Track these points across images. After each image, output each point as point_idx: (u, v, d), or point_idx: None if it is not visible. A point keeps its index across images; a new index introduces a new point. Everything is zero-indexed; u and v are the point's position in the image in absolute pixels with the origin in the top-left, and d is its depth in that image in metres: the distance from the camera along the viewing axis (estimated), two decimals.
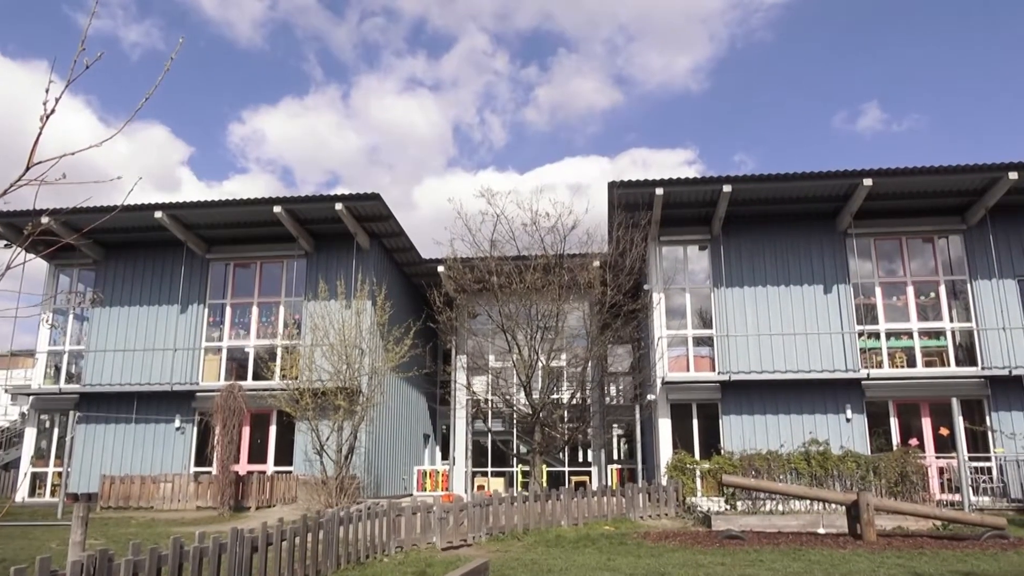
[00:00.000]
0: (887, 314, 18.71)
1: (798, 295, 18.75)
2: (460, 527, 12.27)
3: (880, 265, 19.15)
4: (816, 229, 19.09)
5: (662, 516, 15.51)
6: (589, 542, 12.12)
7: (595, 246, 17.78)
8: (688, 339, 19.03)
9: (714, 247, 19.28)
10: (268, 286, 21.03)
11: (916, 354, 18.40)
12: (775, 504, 15.37)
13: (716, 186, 17.68)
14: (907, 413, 18.24)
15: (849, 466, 15.98)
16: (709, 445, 18.11)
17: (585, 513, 14.52)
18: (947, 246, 19.02)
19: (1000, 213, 18.18)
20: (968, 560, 10.07)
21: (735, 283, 18.96)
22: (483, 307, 19.11)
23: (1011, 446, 16.82)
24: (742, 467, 16.27)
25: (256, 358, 20.21)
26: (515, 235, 17.51)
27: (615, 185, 17.92)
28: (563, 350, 18.68)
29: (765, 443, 17.37)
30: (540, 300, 16.97)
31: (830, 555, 10.55)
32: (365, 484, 18.54)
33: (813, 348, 18.29)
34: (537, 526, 13.61)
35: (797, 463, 16.28)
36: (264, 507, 17.26)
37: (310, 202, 19.06)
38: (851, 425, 17.73)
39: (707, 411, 18.53)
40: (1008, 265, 18.31)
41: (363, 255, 20.05)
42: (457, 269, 17.99)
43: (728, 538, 12.19)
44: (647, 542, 12.01)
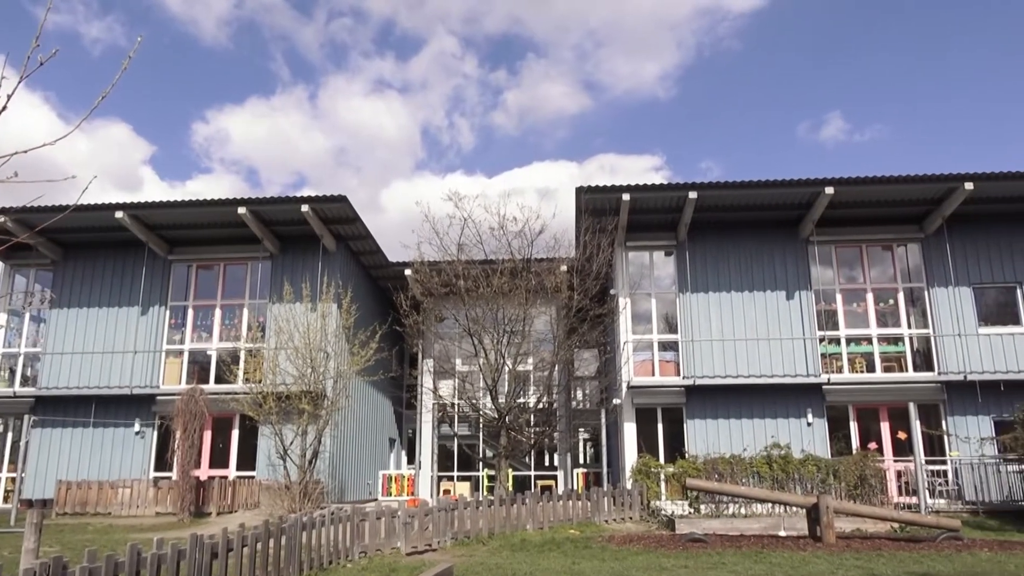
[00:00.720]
0: (847, 320, 19.07)
1: (761, 301, 19.02)
2: (425, 532, 12.21)
3: (841, 272, 19.51)
4: (779, 236, 19.40)
5: (627, 520, 15.60)
6: (554, 546, 12.14)
7: (562, 251, 17.86)
8: (654, 344, 19.19)
9: (680, 253, 19.48)
10: (232, 288, 20.73)
11: (875, 359, 18.77)
12: (738, 507, 15.57)
13: (682, 193, 17.87)
14: (866, 417, 18.59)
15: (810, 469, 16.25)
16: (674, 449, 18.27)
17: (551, 517, 14.54)
18: (906, 254, 19.45)
19: (957, 222, 18.64)
20: (924, 561, 10.29)
21: (700, 288, 19.17)
22: (450, 311, 19.07)
23: (966, 450, 17.23)
24: (706, 471, 16.45)
25: (219, 361, 19.91)
26: (482, 239, 17.52)
27: (582, 190, 18.03)
28: (530, 354, 18.71)
29: (729, 447, 17.59)
30: (507, 304, 16.98)
31: (791, 557, 10.71)
32: (329, 489, 18.36)
33: (776, 353, 18.57)
34: (502, 530, 13.60)
35: (759, 467, 16.51)
36: (226, 513, 16.99)
37: (275, 203, 18.85)
38: (812, 429, 18.02)
39: (672, 415, 18.70)
40: (964, 273, 18.79)
41: (329, 257, 19.88)
42: (424, 272, 17.92)
43: (691, 541, 12.30)
44: (611, 546, 12.08)
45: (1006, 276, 18.80)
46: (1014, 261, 18.81)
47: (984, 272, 18.86)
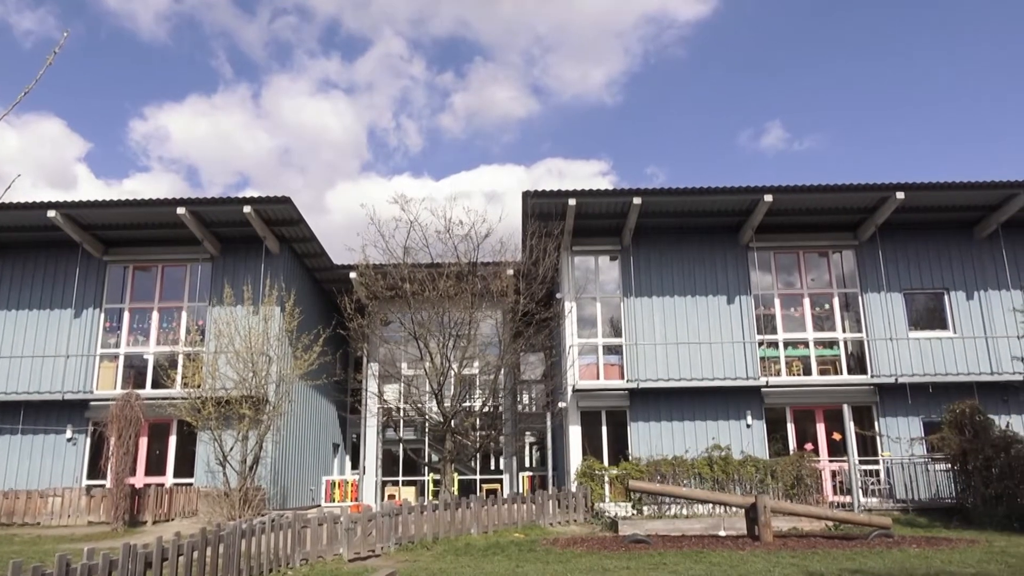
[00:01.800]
0: (785, 324, 19.59)
1: (703, 305, 19.40)
2: (368, 537, 12.08)
3: (779, 277, 20.04)
4: (721, 242, 19.83)
5: (571, 522, 15.71)
6: (498, 550, 12.15)
7: (508, 254, 17.92)
8: (598, 347, 19.39)
9: (624, 258, 19.74)
10: (170, 290, 20.20)
11: (811, 363, 19.32)
12: (680, 508, 15.84)
13: (627, 198, 18.12)
14: (803, 419, 19.12)
15: (749, 470, 16.63)
16: (618, 451, 18.48)
17: (495, 521, 14.55)
18: (841, 260, 20.08)
19: (889, 230, 19.35)
20: (857, 558, 10.62)
21: (644, 293, 19.46)
22: (396, 314, 18.94)
23: (897, 450, 17.86)
24: (649, 472, 16.68)
25: (156, 366, 19.35)
26: (429, 242, 17.48)
27: (529, 195, 18.13)
28: (476, 358, 18.72)
29: (671, 449, 17.87)
30: (453, 308, 16.96)
31: (729, 556, 10.93)
32: (271, 495, 18.02)
33: (717, 357, 18.96)
34: (447, 534, 13.56)
35: (701, 468, 16.83)
36: (162, 521, 16.51)
37: (217, 204, 18.44)
38: (751, 431, 18.45)
39: (616, 418, 18.91)
40: (895, 279, 19.50)
41: (272, 260, 19.54)
42: (369, 276, 17.77)
43: (634, 542, 12.46)
44: (556, 548, 12.14)
45: (935, 282, 19.58)
46: (942, 268, 19.61)
47: (914, 278, 19.60)
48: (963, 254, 19.67)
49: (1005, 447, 15.08)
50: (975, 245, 19.69)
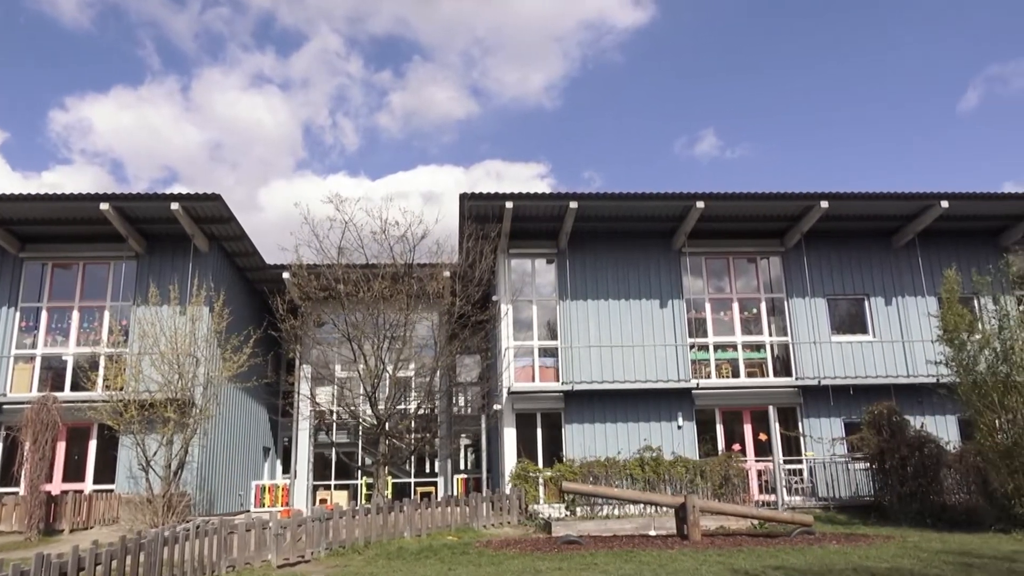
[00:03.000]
0: (715, 328, 20.08)
1: (637, 309, 19.73)
2: (298, 543, 11.85)
3: (710, 282, 20.54)
4: (654, 247, 20.20)
5: (505, 524, 15.74)
6: (431, 553, 12.08)
7: (445, 256, 17.85)
8: (534, 350, 19.50)
9: (560, 261, 19.92)
10: (92, 289, 19.41)
11: (740, 365, 19.86)
12: (612, 508, 16.04)
13: (563, 202, 18.29)
14: (731, 420, 19.62)
15: (679, 471, 16.98)
16: (552, 453, 18.61)
17: (429, 524, 14.47)
18: (768, 266, 20.71)
19: (814, 238, 20.06)
20: (780, 555, 10.96)
21: (579, 296, 19.66)
22: (329, 315, 18.63)
23: (819, 450, 18.50)
24: (582, 474, 16.85)
25: (76, 367, 18.56)
26: (364, 243, 17.24)
27: (466, 197, 18.11)
28: (411, 360, 18.56)
29: (605, 450, 18.09)
30: (388, 309, 16.78)
31: (659, 555, 11.14)
32: (197, 501, 17.50)
33: (649, 359, 19.29)
34: (379, 538, 13.41)
35: (633, 469, 17.09)
36: (80, 529, 15.82)
37: (143, 200, 17.82)
38: (682, 432, 18.83)
39: (551, 420, 19.04)
40: (819, 285, 20.22)
41: (201, 258, 18.98)
42: (303, 276, 17.43)
43: (567, 543, 12.57)
44: (489, 550, 12.14)
45: (856, 288, 20.39)
46: (863, 275, 20.44)
47: (837, 284, 20.37)
48: (882, 262, 20.54)
49: (919, 447, 15.78)
50: (893, 253, 20.59)
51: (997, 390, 14.01)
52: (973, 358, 14.57)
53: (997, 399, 14.00)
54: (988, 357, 14.39)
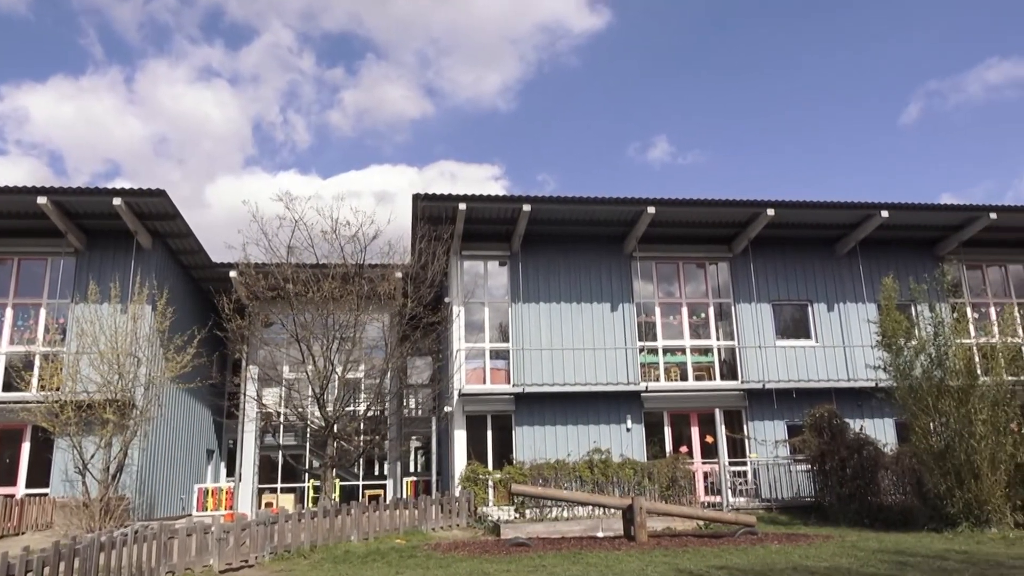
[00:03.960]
0: (665, 332, 20.36)
1: (588, 312, 19.88)
2: (241, 547, 11.61)
3: (660, 287, 20.82)
4: (606, 251, 20.39)
5: (454, 527, 15.68)
6: (379, 556, 11.97)
7: (397, 257, 17.70)
8: (486, 352, 19.48)
9: (513, 263, 19.95)
10: (27, 286, 18.72)
11: (688, 369, 20.17)
12: (561, 511, 16.11)
13: (516, 205, 18.33)
14: (679, 422, 19.90)
15: (627, 472, 17.16)
16: (502, 455, 18.61)
17: (376, 527, 14.33)
18: (716, 272, 21.09)
19: (760, 244, 20.50)
20: (723, 555, 11.15)
21: (531, 299, 19.73)
22: (277, 315, 18.29)
23: (763, 452, 18.91)
24: (532, 476, 16.90)
25: (8, 367, 17.84)
26: (314, 242, 16.97)
27: (419, 197, 18.02)
28: (361, 361, 18.36)
29: (555, 452, 18.17)
30: (338, 310, 16.56)
31: (606, 557, 11.23)
32: (136, 505, 16.99)
33: (600, 362, 19.45)
34: (326, 542, 13.23)
35: (582, 471, 17.21)
36: (11, 535, 15.21)
37: (83, 195, 17.25)
38: (631, 434, 19.03)
39: (501, 422, 19.04)
40: (765, 291, 20.67)
41: (144, 256, 18.47)
42: (250, 275, 17.09)
43: (515, 545, 12.59)
44: (437, 553, 12.08)
45: (800, 294, 20.91)
46: (807, 281, 20.97)
47: (782, 290, 20.86)
48: (825, 269, 21.11)
49: (858, 449, 16.25)
50: (836, 261, 21.17)
51: (931, 394, 14.50)
52: (909, 363, 15.06)
53: (931, 403, 14.49)
54: (923, 362, 14.90)
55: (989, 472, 13.66)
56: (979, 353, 15.73)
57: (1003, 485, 13.76)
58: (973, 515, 13.60)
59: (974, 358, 15.14)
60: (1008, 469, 13.88)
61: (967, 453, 13.79)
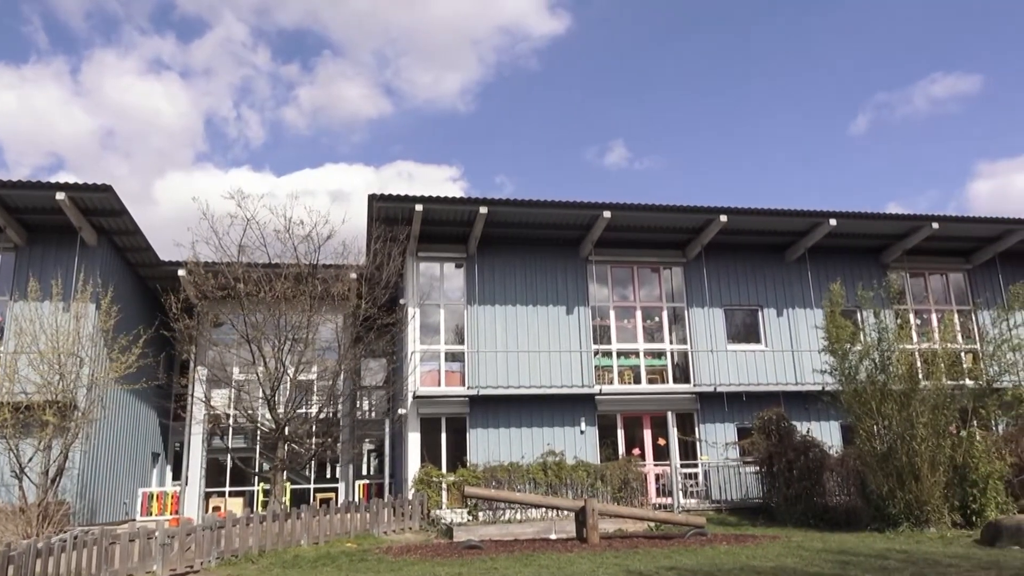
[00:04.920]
0: (619, 335, 20.53)
1: (544, 315, 19.94)
2: (186, 552, 11.35)
3: (615, 290, 20.99)
4: (562, 254, 20.49)
5: (406, 530, 15.56)
6: (329, 560, 11.82)
7: (352, 258, 17.54)
8: (441, 354, 19.39)
9: (469, 265, 19.91)
10: None
11: (641, 372, 20.38)
12: (514, 513, 16.12)
13: (473, 207, 18.30)
14: (632, 425, 20.08)
15: (580, 475, 17.25)
16: (456, 458, 18.53)
17: (327, 531, 14.13)
18: (670, 276, 21.36)
19: (713, 250, 20.83)
20: (673, 556, 11.28)
21: (487, 301, 19.71)
22: (227, 316, 17.94)
23: (714, 454, 19.20)
24: (485, 479, 16.87)
25: None
26: (266, 241, 16.70)
27: (375, 198, 17.86)
28: (313, 362, 18.11)
29: (509, 455, 18.17)
30: (290, 310, 16.32)
31: (558, 558, 11.26)
32: (77, 510, 16.47)
33: (555, 365, 19.52)
34: (275, 547, 13.00)
35: (535, 473, 17.24)
36: None
37: (24, 188, 16.64)
38: (585, 437, 19.13)
39: (456, 425, 18.97)
40: (717, 295, 21.01)
41: (88, 252, 17.92)
42: (199, 274, 16.73)
43: (468, 548, 12.55)
44: (388, 557, 11.98)
45: (751, 300, 21.30)
46: (757, 287, 21.38)
47: (734, 295, 21.22)
48: (775, 275, 21.55)
49: (804, 451, 16.61)
50: (786, 267, 21.63)
51: (875, 398, 14.90)
52: (854, 368, 15.45)
53: (875, 406, 14.89)
54: (868, 367, 15.31)
55: (929, 474, 14.09)
56: (920, 359, 16.20)
57: (942, 486, 14.19)
58: (913, 515, 14.01)
59: (916, 363, 15.60)
60: (947, 471, 14.33)
61: (908, 455, 14.20)
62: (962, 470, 14.50)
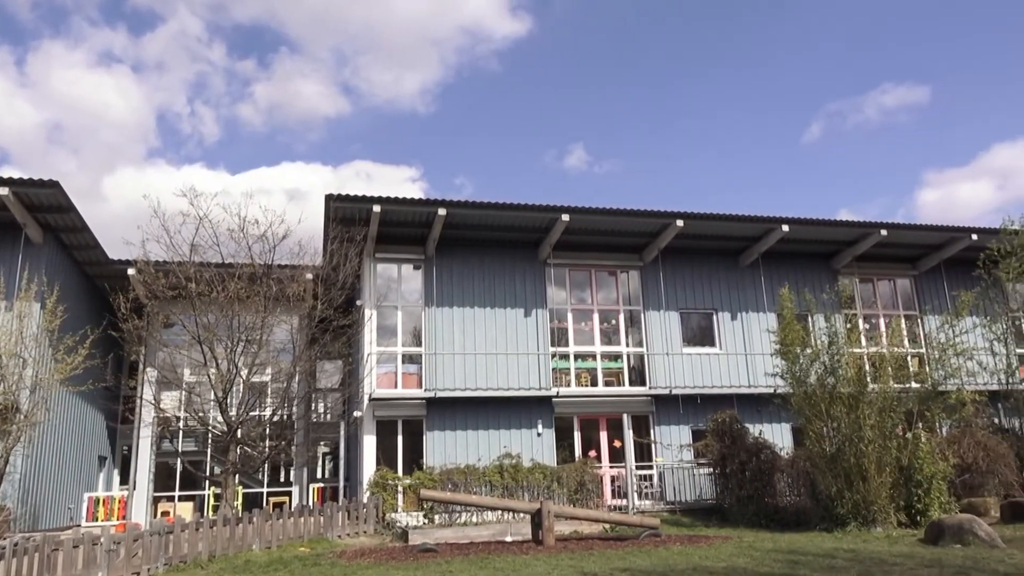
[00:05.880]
0: (576, 338, 20.64)
1: (502, 317, 19.95)
2: (133, 559, 11.07)
3: (573, 293, 21.10)
4: (521, 257, 20.53)
5: (361, 534, 15.41)
6: (281, 565, 11.63)
7: (308, 258, 17.30)
8: (398, 356, 19.26)
9: (427, 267, 19.82)
10: None
11: (598, 374, 20.51)
12: (470, 515, 16.09)
13: (432, 208, 18.22)
14: (588, 427, 20.21)
15: (537, 477, 17.29)
16: (413, 461, 18.42)
17: (280, 535, 13.92)
18: (627, 280, 21.56)
19: (670, 254, 21.09)
20: (628, 557, 11.36)
21: (445, 303, 19.64)
22: (178, 316, 17.55)
23: (668, 456, 19.42)
24: (442, 481, 16.81)
25: None
26: (220, 241, 16.38)
27: (332, 198, 17.67)
28: (267, 364, 17.81)
29: (465, 457, 18.13)
30: (244, 311, 16.03)
31: (513, 561, 11.25)
32: (18, 516, 15.93)
33: (512, 367, 19.54)
34: (225, 552, 12.75)
35: (492, 476, 17.23)
36: None
37: None
38: (541, 439, 19.18)
39: (412, 427, 18.86)
40: (673, 299, 21.27)
41: (33, 250, 17.38)
42: (150, 273, 16.34)
43: (423, 551, 12.47)
44: (342, 561, 11.84)
45: (706, 303, 21.61)
46: (712, 291, 21.70)
47: (689, 299, 21.51)
48: (730, 279, 21.91)
49: (756, 452, 16.90)
50: (740, 272, 22.01)
51: (825, 400, 15.23)
52: (805, 371, 15.77)
53: (824, 409, 15.22)
54: (818, 370, 15.63)
55: (876, 474, 14.44)
56: (869, 362, 16.61)
57: (888, 487, 14.56)
58: (861, 515, 14.34)
59: (864, 367, 15.98)
60: (893, 472, 14.71)
61: (856, 456, 14.53)
62: (907, 471, 14.89)
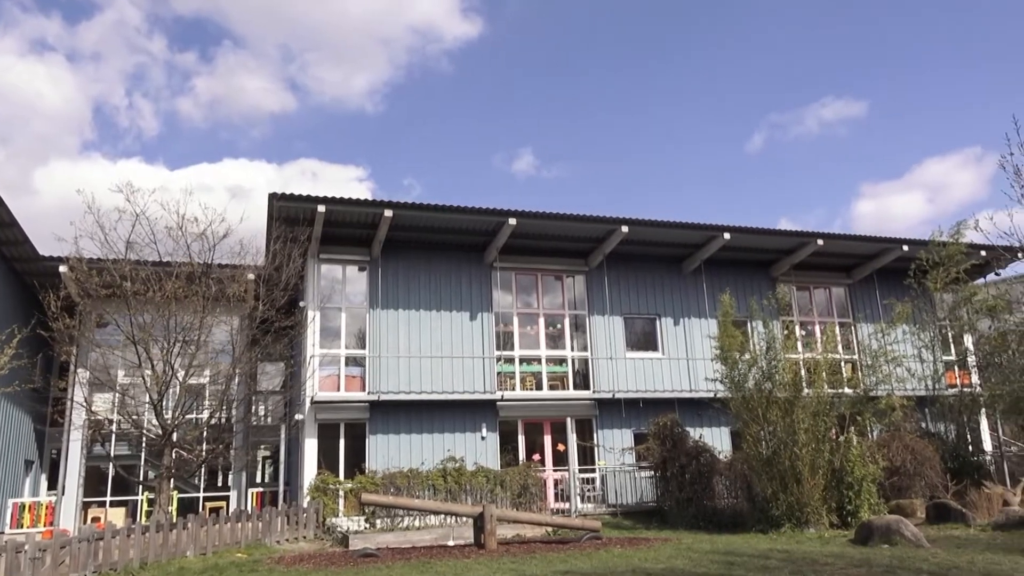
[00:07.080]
0: (522, 341, 20.71)
1: (448, 320, 19.89)
2: (60, 567, 10.66)
3: (519, 297, 21.17)
4: (467, 260, 20.51)
5: (300, 539, 15.16)
6: (216, 572, 11.36)
7: (249, 258, 16.95)
8: (341, 359, 19.02)
9: (373, 269, 19.64)
10: None
11: (543, 378, 20.62)
12: (412, 520, 15.98)
13: (378, 210, 18.07)
14: (532, 431, 20.29)
15: (480, 481, 17.28)
16: (355, 465, 18.20)
17: (216, 541, 13.59)
18: (573, 284, 21.74)
19: (615, 259, 21.35)
20: (569, 560, 11.45)
21: (391, 305, 19.49)
22: (113, 316, 17.00)
23: (611, 459, 19.63)
24: (384, 485, 16.65)
25: None
26: (157, 238, 15.92)
27: (275, 197, 17.37)
28: (206, 366, 17.37)
29: (409, 461, 18.00)
30: (182, 311, 15.62)
31: (455, 565, 11.22)
32: None
33: (458, 371, 19.50)
34: (158, 559, 12.39)
35: (435, 479, 17.16)
36: None
37: None
38: (486, 443, 19.18)
39: (355, 431, 18.64)
40: (617, 304, 21.53)
41: None
42: (82, 271, 15.78)
43: (364, 556, 12.33)
44: (280, 567, 11.63)
45: (649, 309, 21.94)
46: (656, 296, 22.05)
47: (633, 304, 21.80)
48: (673, 285, 22.29)
49: (696, 456, 17.22)
50: (683, 278, 22.42)
51: (762, 405, 15.63)
52: (743, 376, 16.16)
53: (761, 413, 15.61)
54: (756, 375, 16.03)
55: (809, 477, 14.87)
56: (804, 367, 17.10)
57: (821, 489, 15.01)
58: (795, 516, 14.74)
59: (800, 372, 16.45)
60: (825, 474, 15.17)
61: (791, 459, 14.94)
62: (839, 473, 15.37)
